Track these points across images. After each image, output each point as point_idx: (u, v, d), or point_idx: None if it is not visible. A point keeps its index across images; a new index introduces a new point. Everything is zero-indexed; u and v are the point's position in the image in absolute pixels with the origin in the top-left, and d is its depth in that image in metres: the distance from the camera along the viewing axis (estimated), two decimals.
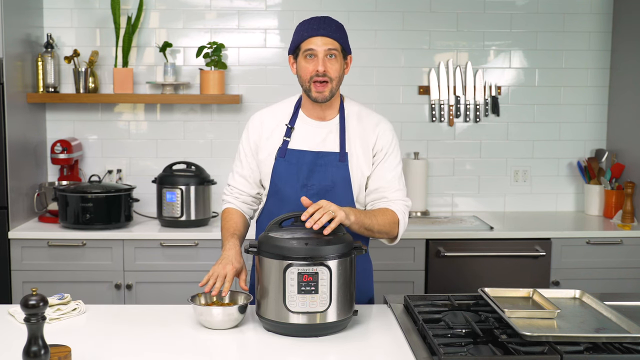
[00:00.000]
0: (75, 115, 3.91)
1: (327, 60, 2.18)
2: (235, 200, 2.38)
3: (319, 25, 2.18)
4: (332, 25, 2.20)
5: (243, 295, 2.10)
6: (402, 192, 2.29)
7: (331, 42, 2.18)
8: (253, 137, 2.33)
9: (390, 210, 2.23)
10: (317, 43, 2.17)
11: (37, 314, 1.59)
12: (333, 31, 2.19)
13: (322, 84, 2.18)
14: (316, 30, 2.17)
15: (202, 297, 2.11)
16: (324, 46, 2.16)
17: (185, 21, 3.91)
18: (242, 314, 2.02)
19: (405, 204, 2.28)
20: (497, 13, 3.98)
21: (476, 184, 4.07)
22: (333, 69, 2.18)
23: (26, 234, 3.40)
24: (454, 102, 4.00)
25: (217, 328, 2.00)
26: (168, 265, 3.42)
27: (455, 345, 1.81)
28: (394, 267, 3.42)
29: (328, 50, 2.17)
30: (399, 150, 2.33)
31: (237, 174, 2.38)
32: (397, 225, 2.24)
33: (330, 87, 2.19)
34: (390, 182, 2.27)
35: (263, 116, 2.35)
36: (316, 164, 2.25)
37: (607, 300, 2.10)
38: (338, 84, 2.22)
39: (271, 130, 2.31)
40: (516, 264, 3.47)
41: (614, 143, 3.99)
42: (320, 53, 2.17)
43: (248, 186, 2.37)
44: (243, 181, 2.37)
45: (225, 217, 2.36)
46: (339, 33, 2.21)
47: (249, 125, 2.35)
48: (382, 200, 2.26)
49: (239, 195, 2.38)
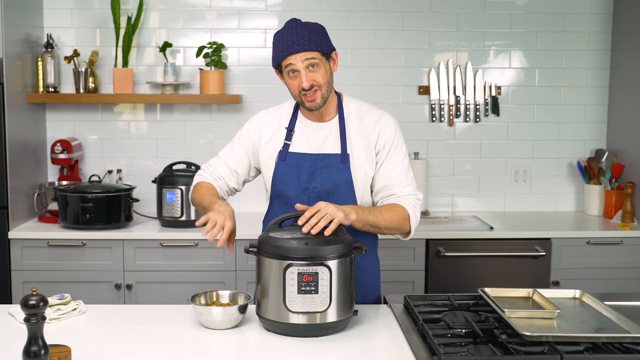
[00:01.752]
0: (75, 115, 3.91)
1: (310, 71, 2.15)
2: (212, 180, 2.33)
3: (292, 40, 2.13)
4: (306, 35, 2.14)
5: (243, 295, 2.11)
6: (411, 187, 2.26)
7: (308, 54, 2.14)
8: (252, 136, 2.33)
9: (399, 205, 2.21)
10: (296, 59, 2.14)
11: (37, 314, 1.59)
12: (307, 42, 2.13)
13: (313, 94, 2.17)
14: (291, 47, 2.13)
15: (202, 297, 2.11)
16: (302, 60, 2.13)
17: (185, 21, 3.91)
18: (242, 314, 2.02)
19: (416, 197, 2.25)
20: (497, 13, 3.98)
21: (476, 184, 4.07)
22: (318, 77, 2.16)
23: (26, 234, 3.40)
24: (454, 102, 4.00)
25: (217, 328, 2.00)
26: (168, 265, 3.42)
27: (455, 345, 1.81)
28: (394, 267, 3.42)
29: (307, 62, 2.14)
30: (404, 143, 2.29)
31: (222, 160, 2.35)
32: (407, 220, 2.21)
33: (321, 93, 2.17)
34: (398, 178, 2.24)
35: (264, 118, 2.34)
36: (317, 167, 2.23)
37: (607, 300, 2.10)
38: (328, 87, 2.20)
39: (271, 132, 2.30)
40: (516, 264, 3.47)
41: (614, 143, 3.99)
42: (301, 69, 2.14)
43: (228, 176, 2.34)
44: (226, 169, 2.34)
45: (202, 185, 2.29)
46: (315, 41, 2.15)
47: (251, 124, 2.35)
48: (391, 197, 2.24)
49: (218, 178, 2.34)
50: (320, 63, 2.16)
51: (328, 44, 2.19)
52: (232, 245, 2.07)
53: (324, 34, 2.19)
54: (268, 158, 2.29)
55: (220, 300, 2.13)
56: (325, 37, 2.19)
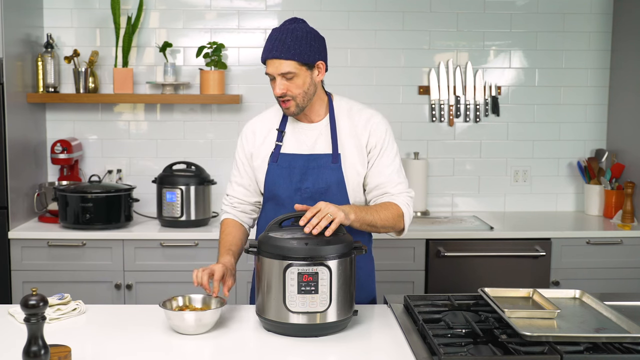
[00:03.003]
0: (75, 115, 3.91)
1: (285, 81, 2.15)
2: (233, 210, 2.38)
3: (273, 45, 2.13)
4: (287, 42, 2.11)
5: (216, 300, 2.07)
6: (403, 185, 2.27)
7: (282, 63, 2.12)
8: (247, 147, 2.33)
9: (393, 204, 2.22)
10: (272, 66, 2.14)
11: (37, 314, 1.59)
12: (286, 50, 2.11)
13: (285, 102, 2.18)
14: (270, 52, 2.14)
15: (176, 301, 2.08)
16: (277, 70, 2.13)
17: (185, 21, 3.91)
18: (214, 319, 1.99)
19: (408, 195, 2.26)
20: (497, 13, 3.98)
21: (476, 184, 4.07)
22: (292, 87, 2.15)
23: (26, 234, 3.40)
24: (454, 102, 4.00)
25: (189, 333, 1.96)
26: (168, 265, 3.42)
27: (455, 345, 1.81)
28: (394, 267, 3.42)
29: (281, 74, 2.14)
30: (395, 142, 2.30)
31: (235, 183, 2.38)
32: (402, 218, 2.22)
33: (295, 103, 2.18)
34: (390, 177, 2.25)
35: (254, 125, 2.35)
36: (308, 167, 2.24)
37: (607, 300, 2.10)
38: (305, 97, 2.18)
39: (263, 137, 2.31)
40: (516, 264, 3.47)
41: (614, 143, 3.99)
42: (276, 76, 2.16)
43: (248, 195, 2.37)
44: (242, 190, 2.37)
45: (223, 229, 2.35)
46: (295, 49, 2.11)
47: (242, 136, 2.36)
48: (385, 196, 2.25)
49: (238, 204, 2.38)
50: (298, 73, 2.14)
51: (311, 53, 2.14)
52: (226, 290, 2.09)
53: (311, 43, 2.14)
54: (261, 162, 2.30)
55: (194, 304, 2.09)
56: (311, 47, 2.14)
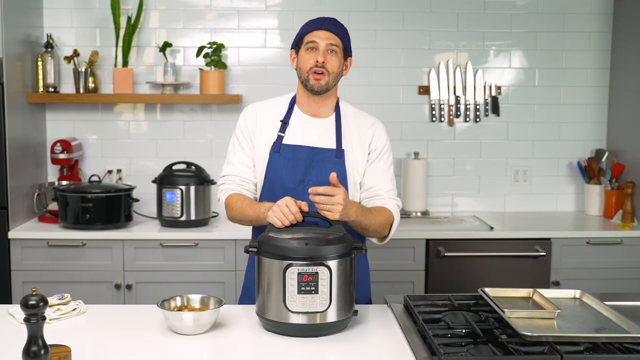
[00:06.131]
0: (75, 115, 3.91)
1: (328, 54, 2.22)
2: (239, 188, 2.29)
3: (325, 21, 2.26)
4: (337, 24, 2.27)
5: (214, 300, 2.06)
6: (394, 192, 2.32)
7: (333, 37, 2.23)
8: (251, 126, 2.30)
9: (388, 211, 2.25)
10: (320, 36, 2.22)
11: (37, 314, 1.59)
12: (337, 29, 2.25)
13: (320, 74, 2.21)
14: (321, 25, 2.24)
15: (174, 301, 2.07)
16: (326, 40, 2.22)
17: (185, 21, 3.91)
18: (212, 319, 1.99)
19: (397, 203, 2.31)
20: (497, 13, 3.98)
21: (476, 184, 4.07)
22: (332, 63, 2.22)
23: (26, 234, 3.40)
24: (454, 102, 4.00)
25: (188, 333, 1.96)
26: (168, 265, 3.41)
27: (455, 345, 1.81)
28: (394, 267, 3.42)
29: (329, 45, 2.22)
30: (392, 153, 2.36)
31: (237, 162, 2.30)
32: (389, 226, 2.26)
33: (327, 80, 2.22)
34: (384, 182, 2.29)
35: (259, 107, 2.33)
36: (313, 159, 2.25)
37: (607, 300, 2.10)
38: (335, 79, 2.25)
39: (267, 123, 2.29)
40: (516, 264, 3.47)
41: (614, 143, 3.99)
42: (321, 46, 2.21)
43: (251, 174, 2.30)
44: (245, 168, 2.30)
45: (233, 199, 2.25)
46: (343, 32, 2.27)
47: (246, 114, 2.32)
48: (376, 198, 2.28)
49: (242, 182, 2.30)
50: (339, 54, 2.25)
51: (350, 46, 2.30)
52: (306, 205, 2.05)
53: (349, 37, 2.30)
54: (260, 150, 2.28)
55: (192, 304, 2.08)
56: (349, 41, 2.30)
